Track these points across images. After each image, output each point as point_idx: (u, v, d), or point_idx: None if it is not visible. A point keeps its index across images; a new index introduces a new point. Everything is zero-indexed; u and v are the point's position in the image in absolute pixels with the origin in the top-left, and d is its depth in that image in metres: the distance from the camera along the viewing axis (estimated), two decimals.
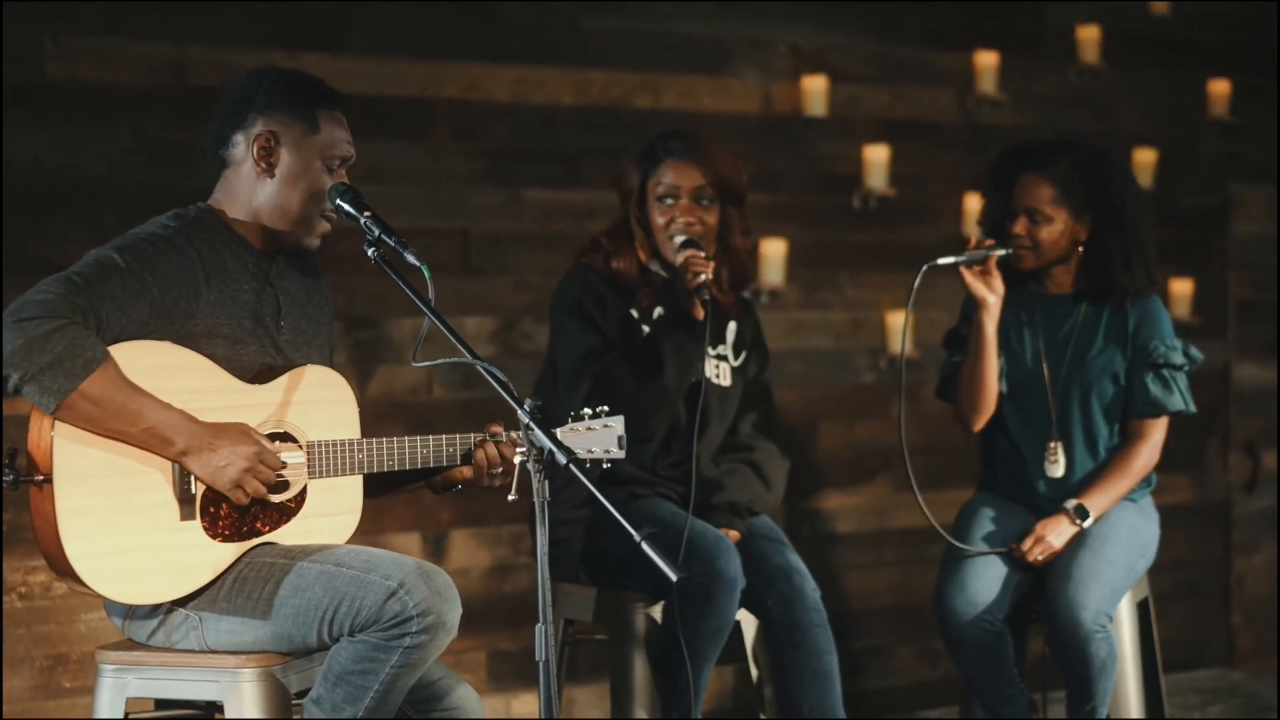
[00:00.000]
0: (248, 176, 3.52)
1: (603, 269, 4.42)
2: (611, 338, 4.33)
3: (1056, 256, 4.51)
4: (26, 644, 4.99)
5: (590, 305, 4.36)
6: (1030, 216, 4.48)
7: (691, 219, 4.33)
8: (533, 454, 3.10)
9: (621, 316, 4.36)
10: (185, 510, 3.34)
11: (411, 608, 3.27)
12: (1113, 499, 4.45)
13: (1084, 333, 4.53)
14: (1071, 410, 4.51)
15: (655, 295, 4.39)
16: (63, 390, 3.17)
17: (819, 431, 6.39)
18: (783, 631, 4.26)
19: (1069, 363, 4.52)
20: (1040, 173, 4.48)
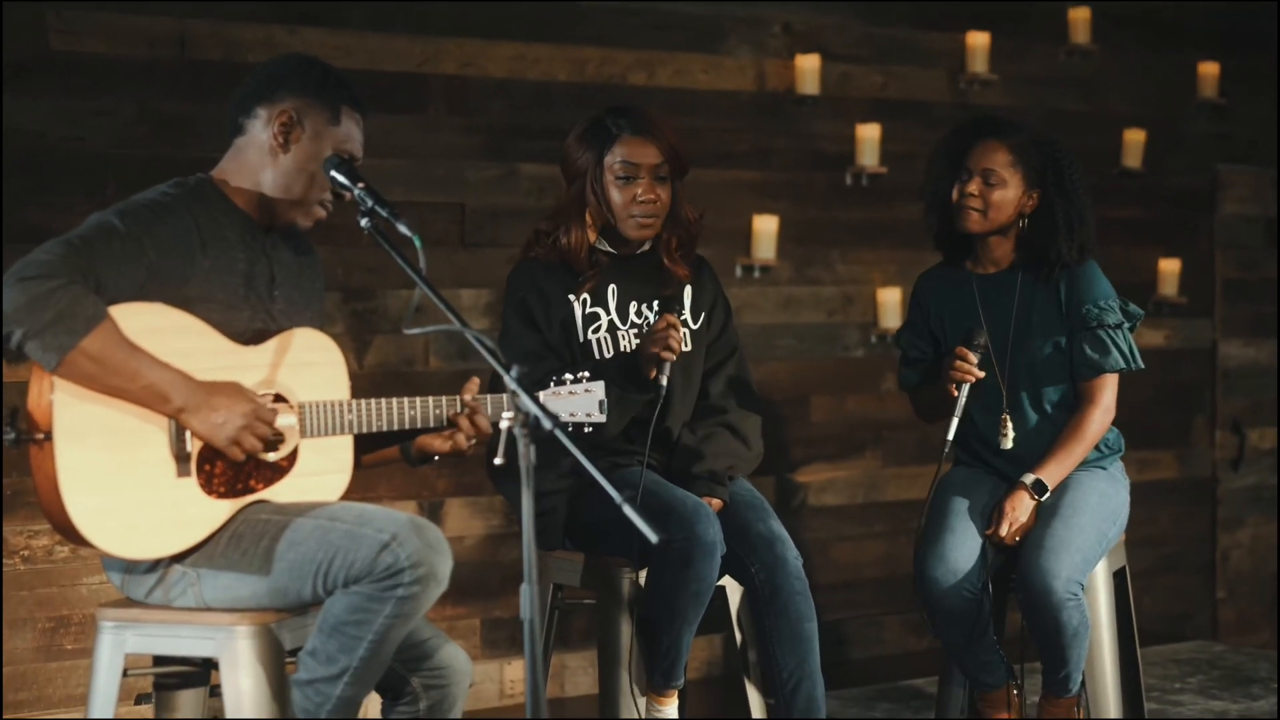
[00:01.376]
0: (261, 149, 3.62)
1: (548, 257, 4.48)
2: (553, 344, 4.41)
3: (1003, 223, 4.57)
4: (29, 606, 5.09)
5: (534, 304, 4.42)
6: (985, 178, 4.55)
7: (652, 196, 4.39)
8: (519, 419, 3.18)
9: (564, 316, 4.43)
10: (181, 467, 3.44)
11: (404, 559, 3.37)
12: (1067, 468, 4.53)
13: (1023, 306, 4.61)
14: (1019, 383, 4.60)
15: (599, 277, 4.46)
16: (64, 347, 3.27)
17: (809, 405, 6.49)
18: (764, 597, 4.35)
19: (1013, 338, 4.61)
20: (1000, 139, 4.57)
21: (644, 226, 4.41)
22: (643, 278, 4.52)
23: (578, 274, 4.44)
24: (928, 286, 4.78)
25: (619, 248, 4.49)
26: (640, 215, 4.39)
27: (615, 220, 4.40)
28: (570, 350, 4.42)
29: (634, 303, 4.49)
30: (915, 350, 4.77)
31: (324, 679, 3.44)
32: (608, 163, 4.39)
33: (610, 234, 4.47)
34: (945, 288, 4.73)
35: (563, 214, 4.46)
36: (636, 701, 4.31)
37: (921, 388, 4.78)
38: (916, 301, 4.79)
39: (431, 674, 3.69)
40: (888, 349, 6.62)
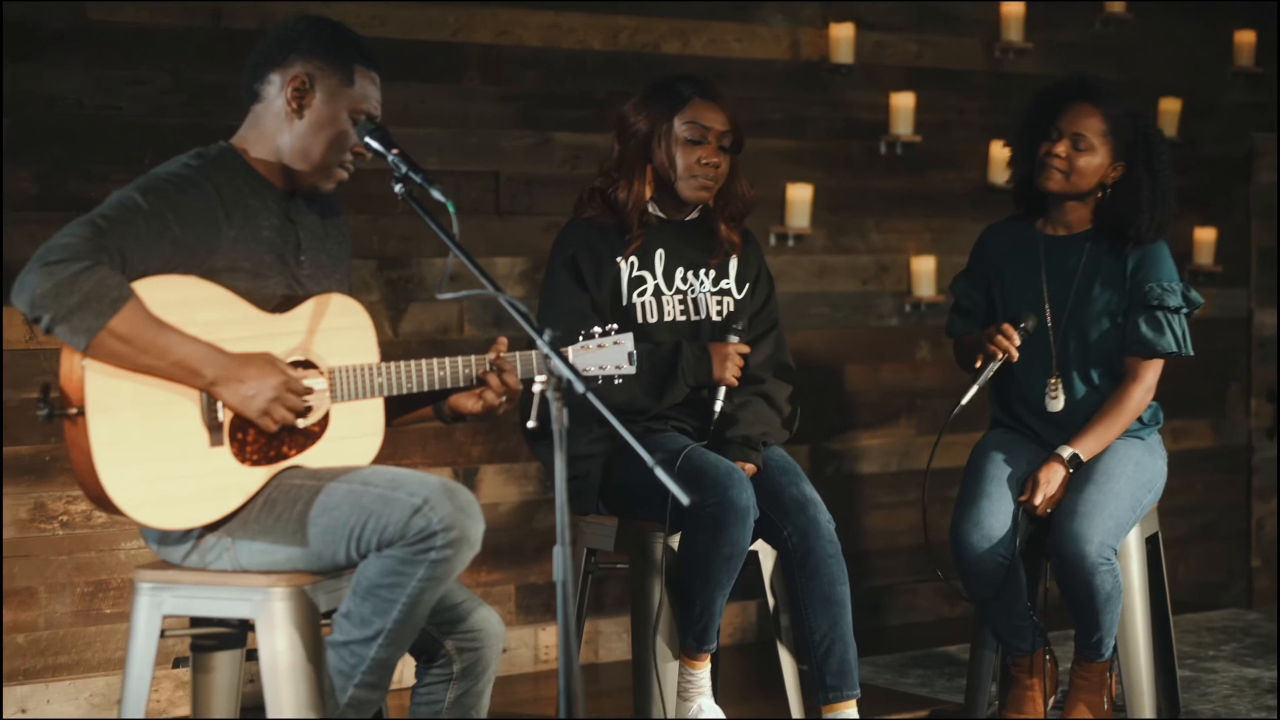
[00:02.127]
0: (276, 115, 3.63)
1: (600, 219, 4.52)
2: (599, 305, 4.45)
3: (1084, 189, 4.58)
4: (68, 570, 5.14)
5: (584, 263, 4.47)
6: (1074, 142, 4.55)
7: (716, 160, 4.45)
8: (552, 383, 3.20)
9: (612, 278, 4.47)
10: (214, 437, 3.46)
11: (436, 523, 3.39)
12: (1104, 442, 4.54)
13: (1087, 273, 4.62)
14: (1070, 350, 4.60)
15: (646, 237, 4.50)
16: (92, 329, 3.30)
17: (844, 373, 6.49)
18: (797, 561, 4.37)
19: (1071, 302, 4.61)
20: (1096, 105, 4.57)
21: (703, 189, 4.47)
22: (691, 244, 4.56)
23: (626, 234, 4.48)
24: (993, 239, 4.79)
25: (669, 213, 4.54)
26: (702, 177, 4.45)
27: (676, 180, 4.46)
28: (615, 313, 4.45)
29: (681, 268, 4.53)
30: (968, 300, 4.78)
31: (358, 641, 3.47)
32: (677, 123, 4.44)
33: (663, 198, 4.52)
34: (1011, 243, 4.73)
35: (623, 169, 4.51)
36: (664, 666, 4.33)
37: (967, 337, 4.78)
38: (979, 252, 4.80)
39: (465, 637, 3.71)
40: (922, 317, 6.62)
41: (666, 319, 4.49)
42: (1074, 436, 4.53)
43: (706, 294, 4.55)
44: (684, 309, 4.52)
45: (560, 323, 4.24)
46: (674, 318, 4.50)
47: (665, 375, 4.40)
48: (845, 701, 4.37)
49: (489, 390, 3.74)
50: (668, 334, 4.48)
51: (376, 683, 3.52)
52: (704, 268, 4.56)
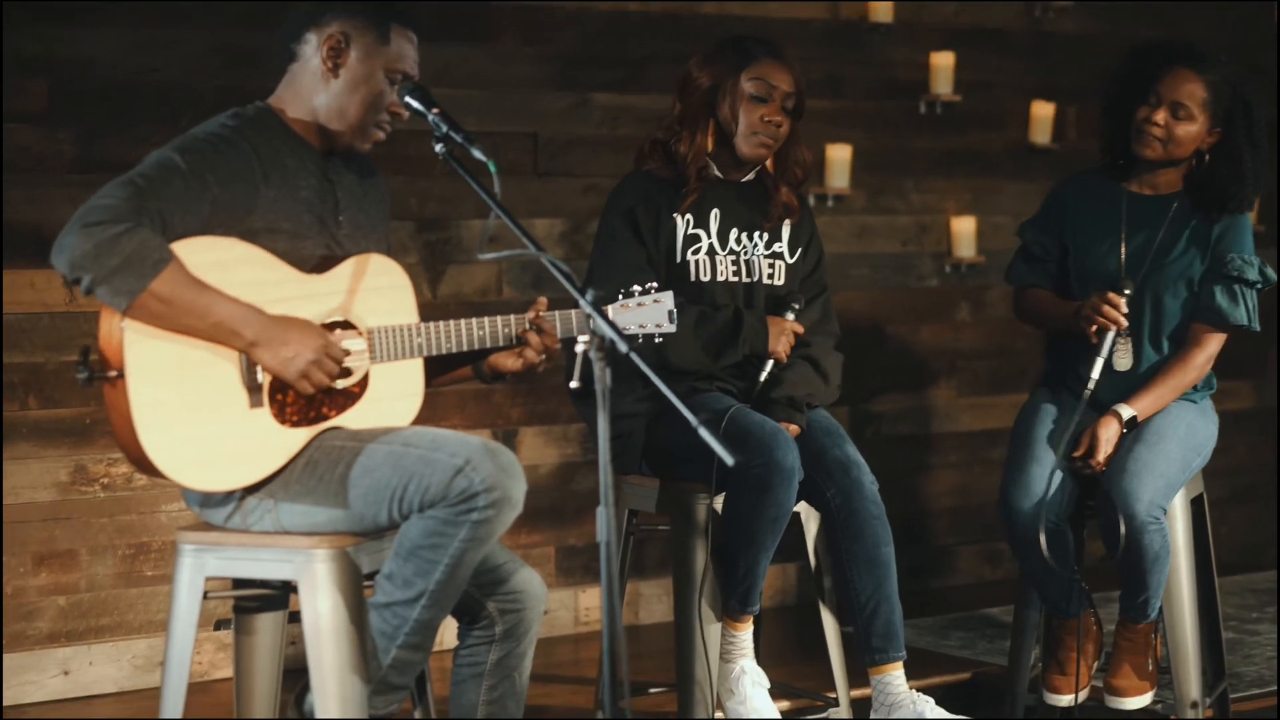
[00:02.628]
0: (312, 74, 3.61)
1: (660, 172, 4.51)
2: (655, 259, 4.43)
3: (1181, 158, 4.52)
4: (109, 533, 5.14)
5: (642, 216, 4.45)
6: (1174, 110, 4.47)
7: (779, 119, 4.45)
8: (594, 343, 3.18)
9: (668, 233, 4.45)
10: (253, 398, 3.45)
11: (478, 483, 3.38)
12: (1160, 405, 4.49)
13: (1168, 237, 4.55)
14: (1144, 310, 4.55)
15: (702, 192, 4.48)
16: (133, 290, 3.29)
17: (883, 335, 6.46)
18: (841, 522, 4.35)
19: (1149, 264, 4.55)
20: (1199, 72, 4.47)
21: (763, 146, 4.46)
22: (746, 205, 4.55)
23: (684, 188, 4.46)
24: (1071, 191, 4.70)
25: (727, 172, 4.53)
26: (763, 135, 4.45)
27: (737, 137, 4.44)
28: (669, 269, 4.43)
29: (735, 229, 4.51)
30: (1039, 247, 4.70)
31: (401, 602, 3.46)
32: (744, 79, 4.43)
33: (722, 156, 4.51)
34: (1090, 196, 4.65)
35: (685, 122, 4.50)
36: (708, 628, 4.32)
37: (1030, 288, 4.72)
38: (1055, 202, 4.71)
39: (507, 598, 3.71)
40: (962, 278, 6.58)
41: (720, 279, 4.48)
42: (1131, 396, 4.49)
43: (759, 257, 4.53)
44: (737, 270, 4.51)
45: (616, 276, 4.21)
46: (727, 278, 4.48)
47: (726, 341, 4.39)
48: (892, 663, 4.35)
49: (529, 349, 3.73)
50: (721, 294, 4.46)
51: (420, 644, 3.51)
52: (758, 230, 4.54)
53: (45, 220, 4.96)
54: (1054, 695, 4.51)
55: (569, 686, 5.14)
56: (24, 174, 4.98)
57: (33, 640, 5.03)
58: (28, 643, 5.03)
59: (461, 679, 3.76)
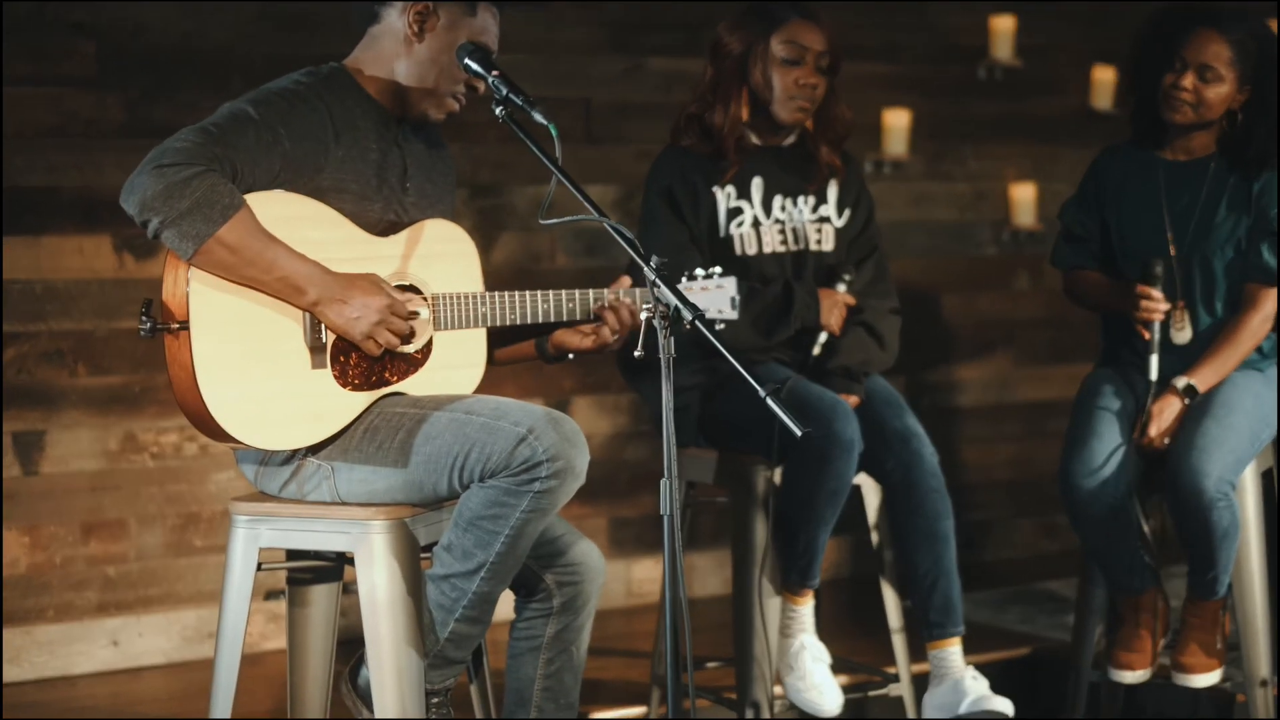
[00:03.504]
0: (395, 38, 3.54)
1: (697, 147, 4.41)
2: (698, 237, 4.35)
3: (1212, 120, 4.43)
4: (159, 502, 5.09)
5: (681, 193, 4.36)
6: (1200, 74, 4.38)
7: (814, 80, 4.34)
8: (658, 311, 3.11)
9: (709, 208, 4.36)
10: (316, 359, 3.39)
11: (541, 453, 3.30)
12: (1221, 373, 4.40)
13: (1210, 199, 4.46)
14: (1194, 277, 4.45)
15: (743, 164, 4.39)
16: (201, 235, 3.22)
17: (940, 304, 6.37)
18: (900, 495, 4.27)
19: (1193, 230, 4.46)
20: (1222, 32, 4.37)
21: (801, 110, 4.36)
22: (789, 170, 4.45)
23: (722, 161, 4.37)
24: (1108, 165, 4.61)
25: (766, 138, 4.43)
26: (800, 98, 4.34)
27: (773, 103, 4.35)
28: (712, 245, 4.35)
29: (779, 196, 4.42)
30: (1081, 228, 4.62)
31: (460, 574, 3.40)
32: (774, 42, 4.33)
33: (759, 122, 4.41)
34: (1128, 169, 4.57)
35: (718, 92, 4.40)
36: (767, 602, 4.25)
37: (1077, 269, 4.64)
38: (1093, 178, 4.63)
39: (566, 570, 3.65)
40: (1020, 246, 6.48)
41: (767, 250, 4.39)
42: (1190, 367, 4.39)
43: (805, 222, 4.44)
44: (783, 239, 4.41)
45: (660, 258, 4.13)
46: (774, 249, 4.39)
47: (777, 317, 4.30)
48: (950, 638, 4.27)
49: (605, 327, 3.64)
50: (770, 266, 4.38)
51: (478, 617, 3.45)
52: (802, 194, 4.45)
53: (95, 186, 4.92)
54: (1120, 672, 4.41)
55: (622, 660, 5.08)
56: (74, 139, 4.93)
57: (81, 611, 4.99)
58: (76, 613, 4.99)
59: (518, 652, 3.70)
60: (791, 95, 4.34)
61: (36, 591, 4.94)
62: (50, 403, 4.94)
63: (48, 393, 4.94)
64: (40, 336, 4.92)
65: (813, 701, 4.25)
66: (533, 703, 3.71)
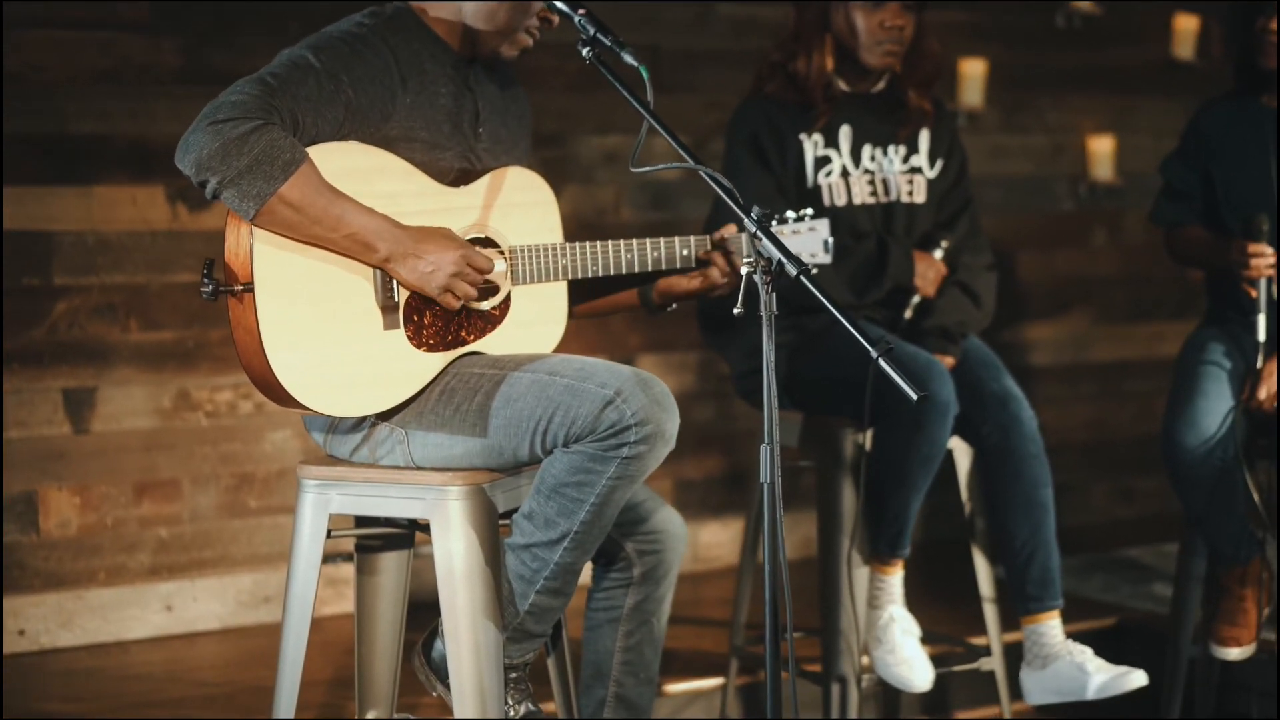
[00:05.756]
0: None
1: (781, 95, 4.21)
2: (785, 186, 4.15)
3: None
4: (213, 462, 4.93)
5: (767, 141, 4.17)
6: None
7: (900, 21, 4.13)
8: (760, 265, 2.91)
9: (796, 157, 4.16)
10: (389, 319, 3.20)
11: (629, 416, 3.11)
12: None
13: None
14: None
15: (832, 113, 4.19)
16: (262, 194, 3.03)
17: (1016, 261, 6.17)
18: (997, 460, 4.07)
19: None
20: None
21: (889, 54, 4.15)
22: (878, 118, 4.25)
23: (810, 111, 4.16)
24: (1212, 117, 4.42)
25: (854, 84, 4.23)
26: (888, 42, 4.13)
27: (859, 48, 4.14)
28: (800, 196, 4.15)
29: (868, 145, 4.21)
30: (1182, 183, 4.42)
31: (542, 544, 3.21)
32: None
33: (846, 68, 4.21)
34: (1233, 121, 4.37)
35: (801, 39, 4.19)
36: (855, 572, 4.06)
37: (1179, 226, 4.44)
38: (1195, 132, 4.43)
39: (646, 539, 3.50)
40: (1098, 201, 6.27)
41: (856, 202, 4.19)
42: None
43: (895, 173, 4.23)
44: (873, 190, 4.22)
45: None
46: (863, 200, 4.19)
47: (870, 275, 4.11)
48: (1048, 612, 4.09)
49: (714, 269, 3.43)
50: (861, 218, 4.18)
51: (560, 589, 3.27)
52: (892, 143, 4.25)
53: (148, 134, 4.76)
54: (1222, 648, 4.22)
55: (693, 628, 4.90)
56: (127, 86, 4.76)
57: (134, 574, 4.84)
58: (129, 576, 4.84)
59: (596, 624, 3.56)
60: (878, 40, 4.14)
61: (88, 554, 4.78)
62: (102, 359, 4.77)
63: (99, 348, 4.78)
64: (92, 290, 4.76)
65: (903, 676, 4.06)
66: (611, 676, 3.57)
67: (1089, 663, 4.01)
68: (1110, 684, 3.95)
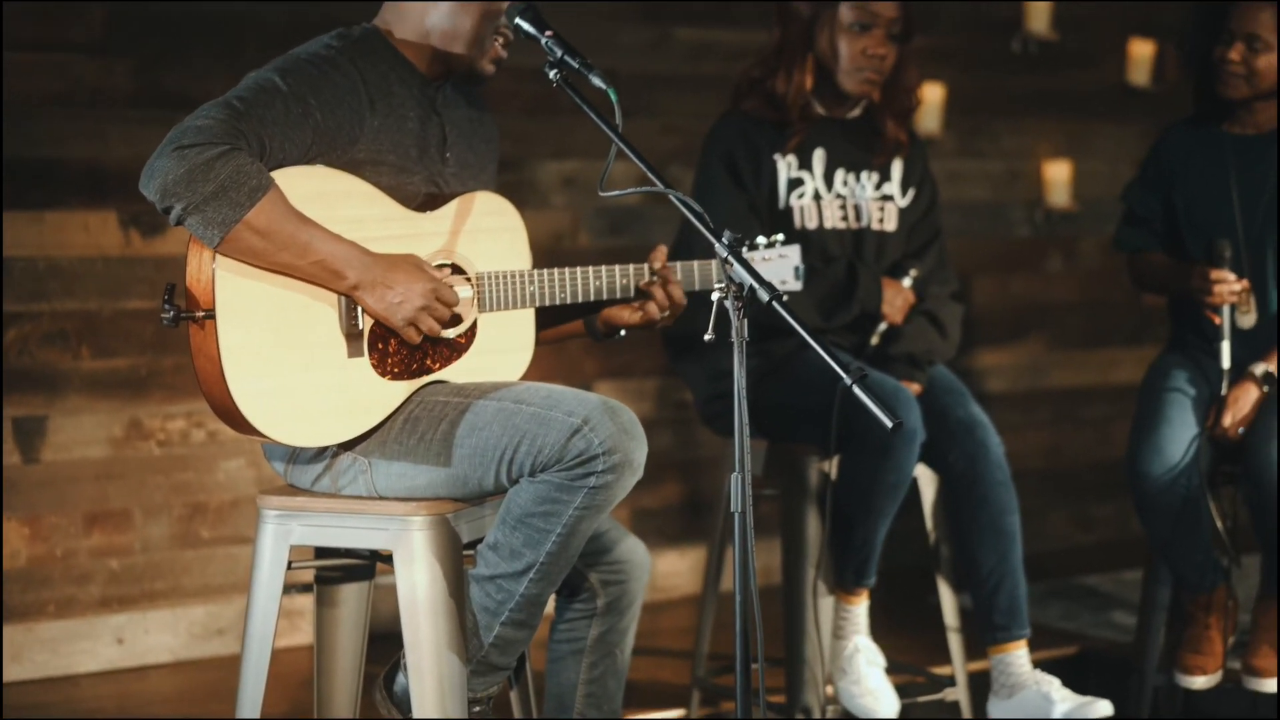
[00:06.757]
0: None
1: (758, 112, 4.18)
2: (758, 205, 4.12)
3: (1266, 89, 4.22)
4: (165, 492, 4.86)
5: (742, 159, 4.14)
6: (1249, 43, 4.19)
7: (883, 51, 4.11)
8: (731, 290, 2.87)
9: (770, 182, 4.13)
10: (353, 347, 3.14)
11: (596, 445, 3.07)
12: None
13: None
14: (1266, 256, 4.25)
15: (807, 133, 4.16)
16: (227, 221, 2.97)
17: (972, 286, 6.16)
18: (964, 488, 4.04)
19: (1265, 206, 4.25)
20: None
21: (868, 82, 4.13)
22: (853, 143, 4.22)
23: (786, 129, 4.14)
24: (1172, 143, 4.41)
25: (831, 109, 4.20)
26: (868, 69, 4.11)
27: (838, 72, 4.12)
28: (772, 216, 4.12)
29: (842, 170, 4.19)
30: (1145, 209, 4.42)
31: (507, 575, 3.16)
32: (843, 8, 4.09)
33: (824, 91, 4.18)
34: (1193, 147, 4.36)
35: (783, 57, 4.16)
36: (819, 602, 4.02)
37: (1141, 252, 4.42)
38: (1156, 158, 4.43)
39: (611, 569, 3.45)
40: (1054, 227, 6.27)
41: (828, 225, 4.16)
42: (1268, 352, 4.17)
43: (868, 200, 4.21)
44: (844, 215, 4.19)
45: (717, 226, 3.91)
46: (834, 225, 4.17)
47: (838, 299, 4.08)
48: (1016, 641, 4.06)
49: (652, 303, 3.40)
50: (831, 242, 4.15)
51: (525, 620, 3.21)
52: (866, 169, 4.22)
53: (101, 158, 4.70)
54: (1187, 676, 4.19)
55: (652, 659, 4.84)
56: (79, 108, 4.68)
57: (84, 606, 4.76)
58: (79, 608, 4.75)
59: (559, 655, 3.51)
60: (859, 65, 4.11)
61: (37, 586, 4.70)
62: (52, 387, 4.69)
63: (50, 376, 4.70)
64: (42, 317, 4.68)
65: (868, 707, 4.02)
66: (574, 708, 3.52)
67: (1055, 692, 3.98)
68: (1074, 713, 3.92)
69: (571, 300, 3.34)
